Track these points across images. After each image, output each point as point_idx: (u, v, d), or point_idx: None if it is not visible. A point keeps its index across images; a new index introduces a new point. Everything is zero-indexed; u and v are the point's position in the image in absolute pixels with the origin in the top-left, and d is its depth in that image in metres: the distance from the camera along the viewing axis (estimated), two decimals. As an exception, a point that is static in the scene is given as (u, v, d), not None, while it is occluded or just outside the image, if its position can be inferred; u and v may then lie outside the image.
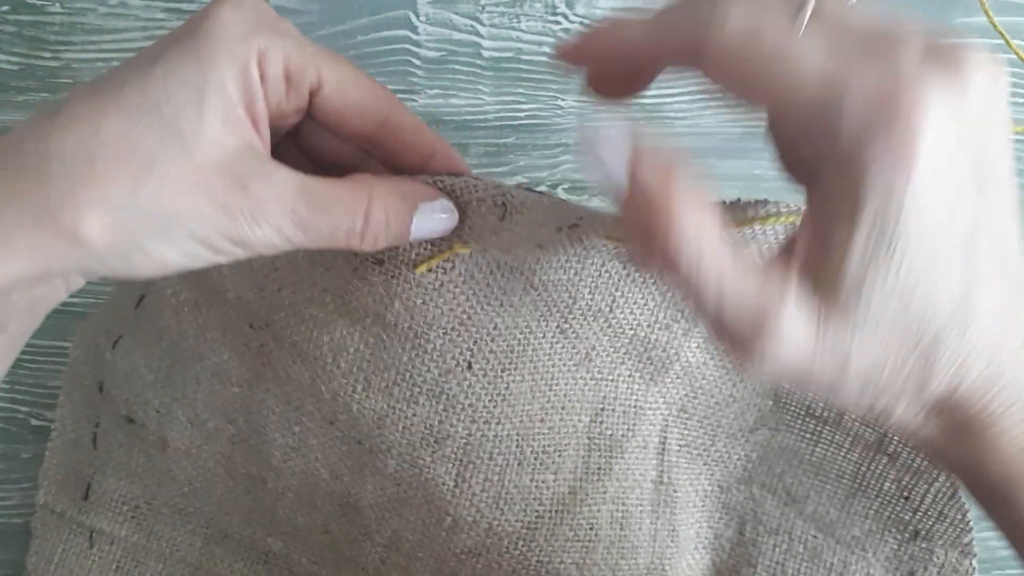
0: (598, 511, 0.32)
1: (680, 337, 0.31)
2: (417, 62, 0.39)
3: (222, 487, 0.34)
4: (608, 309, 0.30)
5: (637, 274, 0.29)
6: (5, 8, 0.38)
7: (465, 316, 0.28)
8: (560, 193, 0.39)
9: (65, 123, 0.21)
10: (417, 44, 0.38)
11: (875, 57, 0.18)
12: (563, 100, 0.39)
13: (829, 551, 0.35)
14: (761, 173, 0.39)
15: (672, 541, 0.34)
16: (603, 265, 0.29)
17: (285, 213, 0.22)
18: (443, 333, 0.28)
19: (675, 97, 0.39)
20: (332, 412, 0.30)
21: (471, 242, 0.27)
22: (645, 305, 0.30)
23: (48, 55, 0.39)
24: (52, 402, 0.39)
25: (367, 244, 0.24)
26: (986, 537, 0.40)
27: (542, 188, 0.39)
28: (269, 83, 0.22)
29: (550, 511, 0.32)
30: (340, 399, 0.30)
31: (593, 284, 0.29)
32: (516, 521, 0.31)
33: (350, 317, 0.29)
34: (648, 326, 0.31)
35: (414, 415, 0.29)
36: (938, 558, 0.34)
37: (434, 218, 0.26)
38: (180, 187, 0.21)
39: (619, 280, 0.29)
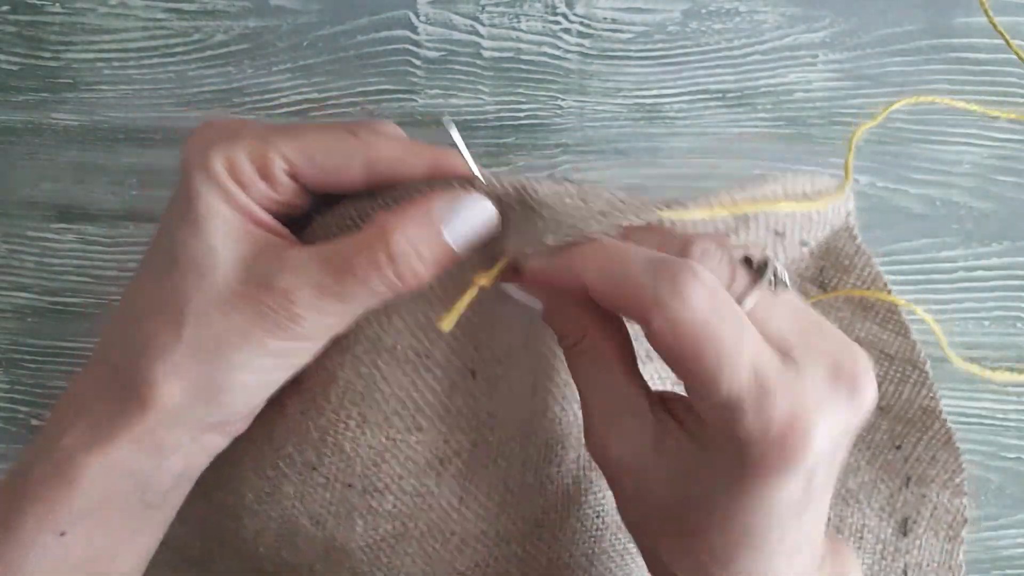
0: (603, 498, 0.32)
1: None
2: (417, 62, 0.39)
3: (201, 509, 0.33)
4: None
5: None
6: (5, 8, 0.38)
7: (467, 318, 0.27)
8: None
9: (118, 311, 0.24)
10: (417, 44, 0.38)
11: (789, 372, 0.20)
12: (563, 100, 0.39)
13: None
14: (761, 173, 0.40)
15: None
16: None
17: (312, 290, 0.23)
18: (447, 345, 0.27)
19: (675, 97, 0.39)
20: (318, 454, 0.28)
21: (496, 273, 0.25)
22: None
23: (48, 55, 0.39)
24: (52, 402, 0.39)
25: (409, 282, 0.23)
26: (986, 537, 0.40)
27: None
28: (248, 186, 0.23)
29: (555, 505, 0.31)
30: (330, 437, 0.27)
31: None
32: (523, 521, 0.30)
33: (338, 345, 0.26)
34: None
35: (417, 443, 0.27)
36: (930, 501, 0.34)
37: (469, 219, 0.24)
38: (214, 314, 0.22)
39: None
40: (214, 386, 0.23)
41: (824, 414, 0.20)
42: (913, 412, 0.34)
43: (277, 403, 0.26)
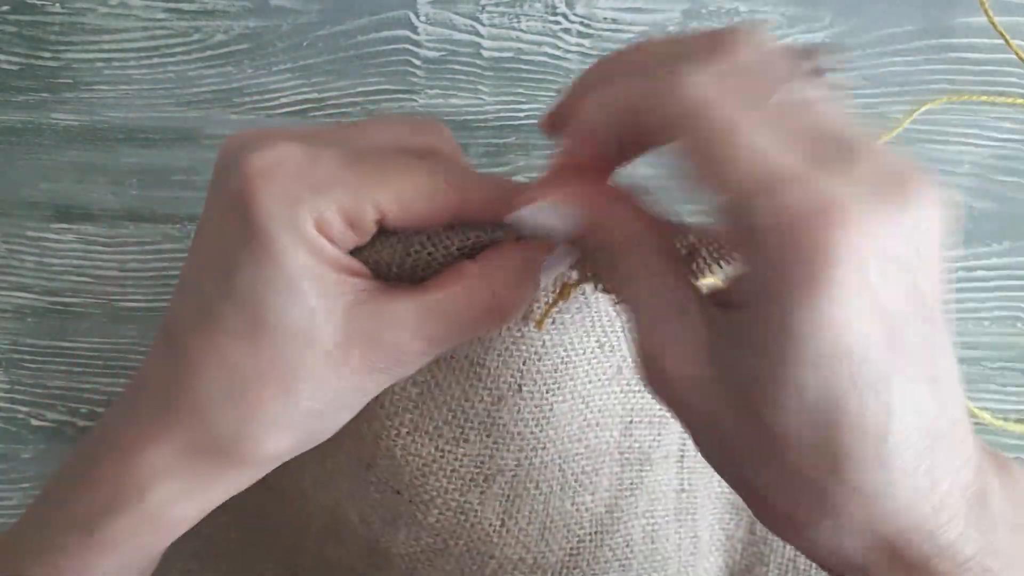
0: (632, 527, 0.32)
1: None
2: (417, 62, 0.39)
3: (253, 495, 0.34)
4: None
5: None
6: (5, 8, 0.38)
7: (519, 335, 0.27)
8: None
9: (196, 368, 0.22)
10: (417, 44, 0.38)
11: (821, 164, 0.17)
12: (563, 100, 0.39)
13: None
14: None
15: (695, 548, 0.34)
16: None
17: (421, 343, 0.23)
18: (497, 356, 0.27)
19: (675, 97, 0.39)
20: (371, 455, 0.28)
21: (581, 281, 0.26)
22: None
23: (48, 55, 0.39)
24: (52, 402, 0.39)
25: (508, 323, 0.25)
26: (986, 537, 0.40)
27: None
28: (338, 239, 0.22)
29: (590, 533, 0.31)
30: (382, 442, 0.28)
31: None
32: (559, 550, 0.30)
33: None
34: None
35: (464, 455, 0.28)
36: None
37: (557, 265, 0.25)
38: (326, 378, 0.22)
39: None
40: (318, 432, 0.24)
41: (862, 213, 0.16)
42: None
43: None
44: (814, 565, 0.35)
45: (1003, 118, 0.39)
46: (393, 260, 0.24)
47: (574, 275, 0.26)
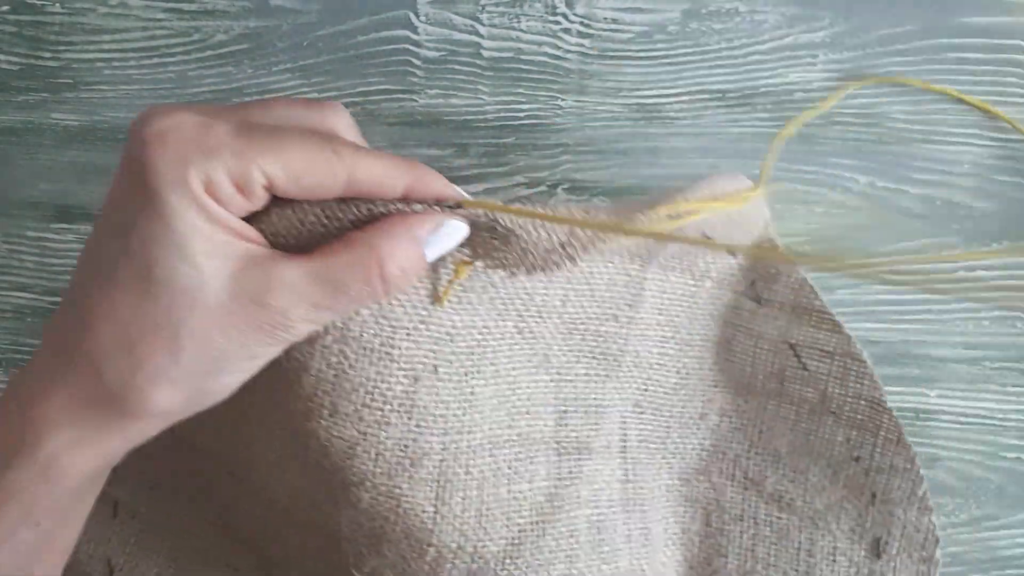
0: (575, 517, 0.32)
1: (627, 326, 0.32)
2: (417, 62, 0.39)
3: (227, 484, 0.34)
4: (561, 304, 0.30)
5: (583, 264, 0.30)
6: (5, 8, 0.38)
7: (426, 314, 0.28)
8: (560, 193, 0.39)
9: (90, 320, 0.23)
10: (417, 44, 0.38)
11: None
12: (563, 100, 0.39)
13: (795, 530, 0.35)
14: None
15: (646, 539, 0.34)
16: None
17: (308, 307, 0.24)
18: (407, 335, 0.27)
19: (675, 97, 0.39)
20: (304, 436, 0.29)
21: (475, 260, 0.27)
22: (592, 296, 0.31)
23: (48, 55, 0.39)
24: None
25: (392, 294, 0.26)
26: (986, 537, 0.40)
27: (542, 188, 0.39)
28: (227, 202, 0.23)
29: (531, 523, 0.31)
30: (309, 424, 0.28)
31: (548, 279, 0.29)
32: (500, 539, 0.30)
33: (307, 336, 0.27)
34: (597, 319, 0.31)
35: (387, 438, 0.28)
36: (899, 519, 0.34)
37: (445, 240, 0.26)
38: (211, 335, 0.23)
39: (568, 272, 0.29)
40: (206, 391, 0.25)
41: None
42: (862, 409, 0.34)
43: (264, 386, 0.27)
44: (772, 552, 0.36)
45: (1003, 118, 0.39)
46: (289, 231, 0.25)
47: (468, 254, 0.27)
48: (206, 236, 0.22)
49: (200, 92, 0.39)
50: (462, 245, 0.27)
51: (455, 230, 0.26)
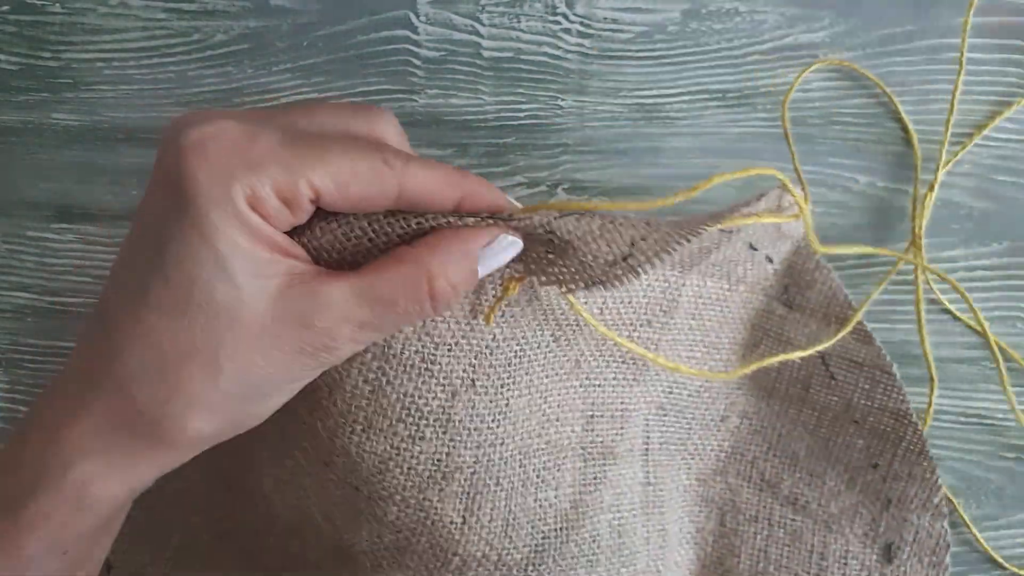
0: (598, 522, 0.32)
1: (660, 331, 0.32)
2: (417, 62, 0.39)
3: (219, 498, 0.34)
4: (599, 312, 0.30)
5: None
6: (5, 8, 0.38)
7: (468, 328, 0.27)
8: (560, 194, 0.39)
9: (122, 343, 0.22)
10: (417, 44, 0.38)
11: None
12: (563, 100, 0.39)
13: (808, 532, 0.36)
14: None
15: (663, 541, 0.34)
16: None
17: (354, 328, 0.23)
18: (448, 351, 0.27)
19: (675, 97, 0.39)
20: (328, 453, 0.28)
21: (526, 275, 0.26)
22: (630, 303, 0.30)
23: (48, 55, 0.39)
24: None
25: (441, 311, 0.24)
26: (987, 537, 0.40)
27: (542, 188, 0.39)
28: (272, 217, 0.21)
29: (555, 529, 0.31)
30: (337, 440, 0.27)
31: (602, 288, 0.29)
32: (524, 547, 0.30)
33: None
34: (632, 325, 0.31)
35: (420, 452, 0.27)
36: (911, 525, 0.35)
37: (498, 257, 0.25)
38: (252, 359, 0.22)
39: None
40: (246, 416, 0.23)
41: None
42: (886, 421, 0.34)
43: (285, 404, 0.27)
44: (785, 553, 0.36)
45: (1003, 118, 0.39)
46: (334, 246, 0.23)
47: (520, 269, 0.26)
48: (248, 255, 0.21)
49: (200, 92, 0.39)
50: (513, 260, 0.25)
51: (509, 245, 0.25)
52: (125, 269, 0.23)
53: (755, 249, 0.34)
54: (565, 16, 0.39)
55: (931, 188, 0.38)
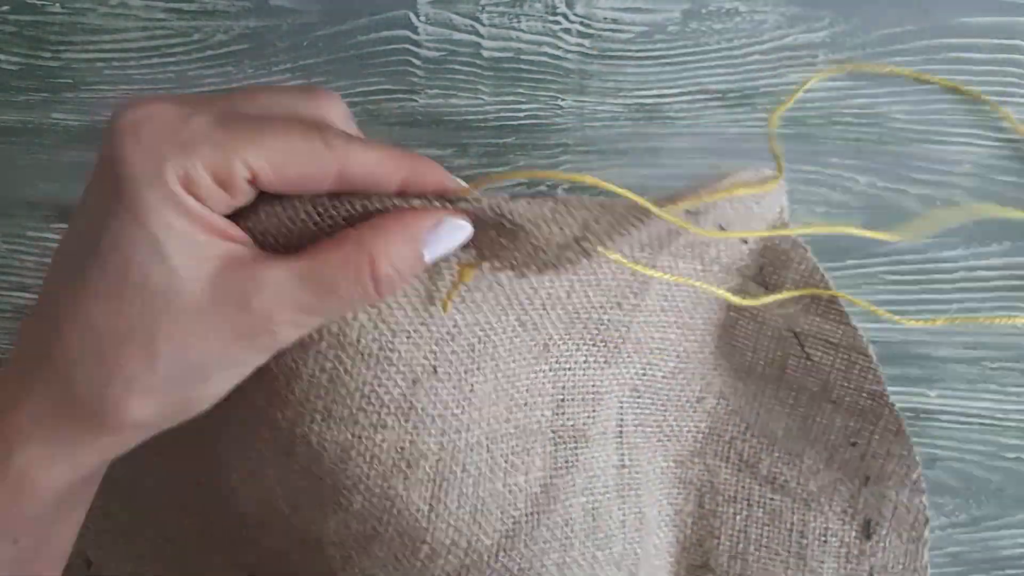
0: (570, 505, 0.32)
1: (630, 313, 0.31)
2: (417, 62, 0.39)
3: (195, 489, 0.33)
4: (566, 295, 0.30)
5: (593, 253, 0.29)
6: (5, 8, 0.38)
7: (427, 315, 0.27)
8: (560, 194, 0.39)
9: (61, 327, 0.21)
10: (417, 44, 0.38)
11: None
12: (563, 100, 0.39)
13: (788, 511, 0.36)
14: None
15: (640, 524, 0.34)
16: None
17: (294, 311, 0.22)
18: (407, 338, 0.26)
19: (675, 97, 0.39)
20: (289, 443, 0.27)
21: (480, 261, 0.26)
22: (598, 285, 0.30)
23: (48, 55, 0.39)
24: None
25: (385, 294, 0.24)
26: (986, 537, 0.40)
27: (542, 188, 0.39)
28: (208, 199, 0.21)
29: (525, 514, 0.31)
30: (298, 429, 0.27)
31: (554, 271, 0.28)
32: (494, 532, 0.30)
33: (300, 340, 0.26)
34: (602, 307, 0.31)
35: (383, 441, 0.27)
36: (890, 500, 0.35)
37: (446, 240, 0.24)
38: (189, 341, 0.21)
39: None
40: (186, 401, 0.23)
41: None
42: (863, 401, 0.34)
43: (240, 392, 0.26)
44: (765, 533, 0.36)
45: (1004, 118, 0.39)
46: (279, 230, 0.23)
47: (473, 255, 0.26)
48: (184, 235, 0.21)
49: (200, 92, 0.38)
50: (466, 245, 0.25)
51: (457, 229, 0.24)
52: (65, 254, 0.23)
53: (724, 228, 0.33)
54: (565, 16, 0.39)
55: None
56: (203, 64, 0.39)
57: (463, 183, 0.25)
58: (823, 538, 0.35)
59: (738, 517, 0.36)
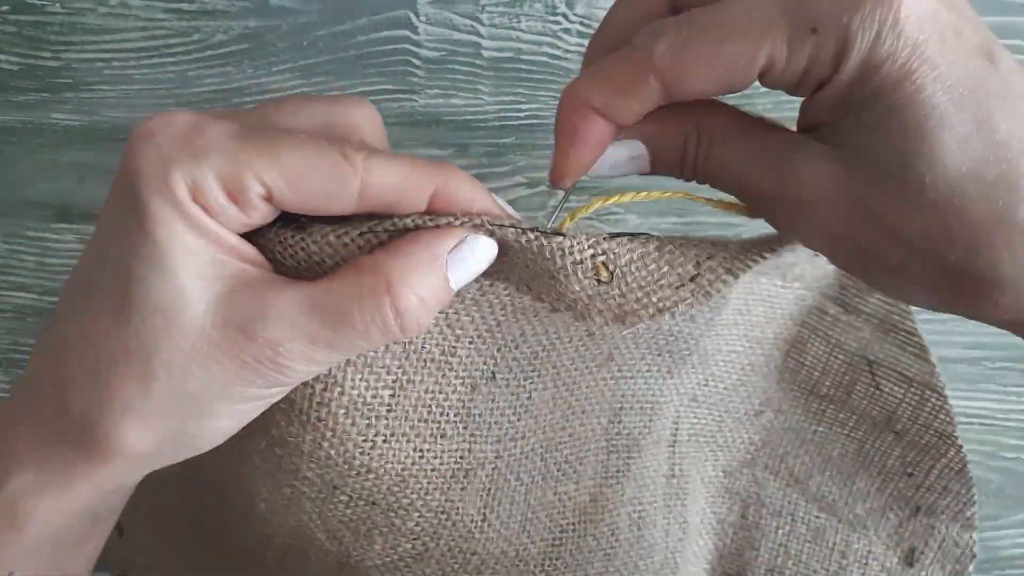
0: (618, 515, 0.31)
1: (703, 326, 0.31)
2: (417, 62, 0.39)
3: (216, 509, 0.33)
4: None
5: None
6: (5, 8, 0.38)
7: (494, 323, 0.26)
8: (559, 194, 0.39)
9: (64, 345, 0.20)
10: (417, 44, 0.38)
11: None
12: (563, 100, 0.39)
13: (832, 530, 0.36)
14: None
15: (683, 533, 0.34)
16: None
17: (303, 342, 0.20)
18: (470, 343, 0.25)
19: (675, 97, 0.39)
20: (341, 477, 0.26)
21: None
22: None
23: (48, 55, 0.39)
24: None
25: (411, 332, 0.21)
26: (987, 537, 0.40)
27: (542, 188, 0.39)
28: (218, 213, 0.20)
29: (573, 523, 0.30)
30: (356, 460, 0.25)
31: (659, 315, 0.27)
32: (541, 541, 0.29)
33: (362, 360, 0.24)
34: (674, 319, 0.30)
35: (443, 451, 0.26)
36: (939, 532, 0.35)
37: (475, 265, 0.22)
38: (188, 368, 0.20)
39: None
40: (187, 435, 0.21)
41: None
42: (928, 438, 0.34)
43: (274, 425, 0.24)
44: (805, 549, 0.35)
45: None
46: (297, 255, 0.21)
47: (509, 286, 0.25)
48: (191, 250, 0.19)
49: (200, 92, 0.39)
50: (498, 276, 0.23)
51: (484, 251, 0.22)
52: (79, 267, 0.22)
53: (817, 255, 0.33)
54: (565, 16, 0.39)
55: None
56: (203, 64, 0.39)
57: (506, 205, 0.23)
58: (864, 560, 0.35)
59: (780, 531, 0.36)
